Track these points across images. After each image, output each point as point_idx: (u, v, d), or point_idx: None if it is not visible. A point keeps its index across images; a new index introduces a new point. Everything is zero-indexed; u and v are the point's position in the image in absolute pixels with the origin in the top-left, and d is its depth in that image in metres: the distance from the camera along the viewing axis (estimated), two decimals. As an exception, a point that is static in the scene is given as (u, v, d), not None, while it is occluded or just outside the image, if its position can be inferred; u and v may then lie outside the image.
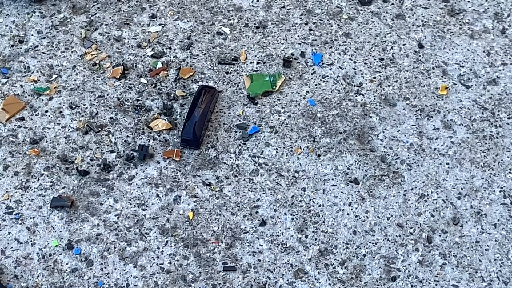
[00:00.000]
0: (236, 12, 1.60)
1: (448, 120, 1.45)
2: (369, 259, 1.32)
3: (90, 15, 1.60)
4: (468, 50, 1.54)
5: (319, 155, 1.42)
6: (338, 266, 1.31)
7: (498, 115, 1.46)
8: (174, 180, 1.39)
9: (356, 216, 1.35)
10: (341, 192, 1.38)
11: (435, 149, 1.42)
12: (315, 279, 1.28)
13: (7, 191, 1.38)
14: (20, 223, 1.35)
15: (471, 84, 1.50)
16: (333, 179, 1.39)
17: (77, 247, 1.32)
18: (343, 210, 1.36)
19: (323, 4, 1.61)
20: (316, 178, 1.39)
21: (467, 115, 1.46)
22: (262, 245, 1.32)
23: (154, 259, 1.30)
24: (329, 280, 1.29)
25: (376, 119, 1.45)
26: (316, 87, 1.50)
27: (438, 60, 1.53)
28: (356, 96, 1.48)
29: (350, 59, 1.53)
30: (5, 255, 1.31)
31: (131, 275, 1.29)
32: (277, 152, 1.42)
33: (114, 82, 1.51)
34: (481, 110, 1.46)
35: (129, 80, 1.51)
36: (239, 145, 1.43)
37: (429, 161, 1.40)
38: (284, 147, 1.43)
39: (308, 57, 1.54)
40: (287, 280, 1.28)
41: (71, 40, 1.57)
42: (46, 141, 1.44)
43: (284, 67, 1.52)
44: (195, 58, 1.54)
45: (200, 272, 1.29)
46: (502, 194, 1.37)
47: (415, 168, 1.40)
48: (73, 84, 1.51)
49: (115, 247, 1.32)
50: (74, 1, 1.62)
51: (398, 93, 1.49)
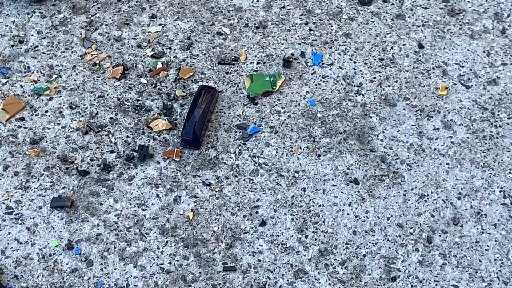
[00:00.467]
0: (236, 12, 1.60)
1: (448, 120, 1.45)
2: (369, 259, 1.32)
3: (90, 15, 1.60)
4: (468, 50, 1.54)
5: (319, 155, 1.42)
6: (338, 266, 1.31)
7: (498, 115, 1.46)
8: (174, 180, 1.39)
9: (356, 216, 1.35)
10: (341, 192, 1.38)
11: (435, 149, 1.42)
12: (315, 279, 1.28)
13: (7, 191, 1.38)
14: (20, 223, 1.35)
15: (471, 84, 1.50)
16: (333, 179, 1.39)
17: (77, 247, 1.32)
18: (343, 210, 1.36)
19: (323, 4, 1.61)
20: (316, 178, 1.39)
21: (467, 115, 1.46)
22: (262, 245, 1.32)
23: (154, 259, 1.30)
24: (329, 280, 1.29)
25: (376, 119, 1.45)
26: (316, 87, 1.50)
27: (438, 60, 1.53)
28: (356, 96, 1.48)
29: (350, 59, 1.53)
30: (5, 255, 1.31)
31: (131, 275, 1.29)
32: (277, 152, 1.42)
33: (114, 82, 1.51)
34: (481, 110, 1.46)
35: (129, 80, 1.51)
36: (239, 145, 1.43)
37: (429, 161, 1.40)
38: (284, 147, 1.43)
39: (308, 57, 1.54)
40: (287, 280, 1.28)
41: (71, 40, 1.57)
42: (46, 141, 1.43)
43: (284, 67, 1.52)
44: (195, 58, 1.54)
45: (200, 272, 1.29)
46: (502, 194, 1.37)
47: (415, 168, 1.39)
48: (73, 84, 1.51)
49: (115, 247, 1.32)
50: (74, 1, 1.62)
51: (398, 93, 1.49)
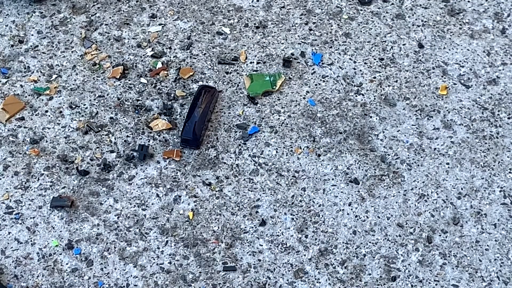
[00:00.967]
0: (236, 12, 1.60)
1: (448, 120, 1.45)
2: (369, 259, 1.32)
3: (90, 15, 1.60)
4: (468, 50, 1.54)
5: (319, 155, 1.42)
6: (338, 266, 1.31)
7: (498, 115, 1.46)
8: (174, 180, 1.39)
9: (356, 216, 1.35)
10: (341, 192, 1.38)
11: (435, 149, 1.42)
12: (315, 279, 1.28)
13: (7, 191, 1.38)
14: (20, 223, 1.35)
15: (471, 84, 1.50)
16: (333, 179, 1.39)
17: (77, 247, 1.32)
18: (343, 210, 1.36)
19: (323, 4, 1.61)
20: (316, 178, 1.39)
21: (467, 115, 1.46)
22: (262, 245, 1.32)
23: (154, 259, 1.30)
24: (329, 280, 1.29)
25: (376, 119, 1.45)
26: (316, 87, 1.50)
27: (438, 60, 1.53)
28: (356, 96, 1.48)
29: (350, 59, 1.53)
30: (5, 255, 1.31)
31: (131, 275, 1.29)
32: (277, 152, 1.42)
33: (114, 82, 1.51)
34: (481, 110, 1.46)
35: (129, 80, 1.51)
36: (239, 145, 1.43)
37: (429, 161, 1.40)
38: (284, 147, 1.43)
39: (308, 57, 1.54)
40: (287, 280, 1.28)
41: (71, 40, 1.57)
42: (46, 141, 1.43)
43: (284, 67, 1.52)
44: (195, 58, 1.54)
45: (200, 272, 1.29)
46: (502, 194, 1.37)
47: (415, 168, 1.39)
48: (73, 84, 1.51)
49: (115, 247, 1.32)
50: (74, 1, 1.62)
51: (398, 93, 1.49)
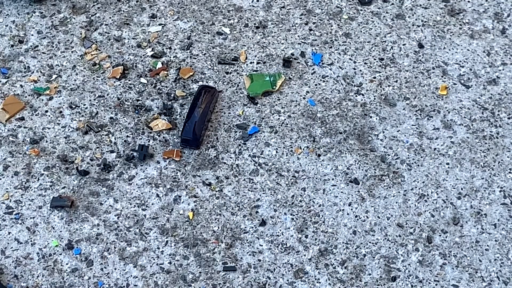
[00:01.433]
0: (236, 12, 1.60)
1: (448, 120, 1.45)
2: (369, 259, 1.32)
3: (90, 15, 1.60)
4: (468, 50, 1.54)
5: (319, 155, 1.42)
6: (338, 266, 1.31)
7: (498, 115, 1.46)
8: (174, 180, 1.39)
9: (356, 216, 1.35)
10: (341, 192, 1.38)
11: (435, 149, 1.42)
12: (315, 279, 1.28)
13: (7, 191, 1.38)
14: (20, 223, 1.35)
15: (471, 84, 1.50)
16: (333, 179, 1.39)
17: (77, 247, 1.32)
18: (343, 210, 1.36)
19: (323, 4, 1.61)
20: (316, 178, 1.39)
21: (467, 115, 1.46)
22: (262, 245, 1.32)
23: (154, 259, 1.30)
24: (329, 280, 1.29)
25: (376, 119, 1.45)
26: (316, 87, 1.50)
27: (438, 60, 1.53)
28: (356, 96, 1.48)
29: (350, 59, 1.53)
30: (5, 255, 1.31)
31: (131, 275, 1.29)
32: (277, 152, 1.42)
33: (114, 82, 1.51)
34: (481, 110, 1.46)
35: (129, 80, 1.51)
36: (239, 145, 1.43)
37: (429, 161, 1.40)
38: (284, 147, 1.43)
39: (308, 57, 1.54)
40: (287, 280, 1.28)
41: (71, 40, 1.57)
42: (46, 141, 1.43)
43: (284, 67, 1.52)
44: (195, 58, 1.54)
45: (200, 272, 1.29)
46: (502, 194, 1.37)
47: (415, 168, 1.39)
48: (73, 84, 1.51)
49: (115, 247, 1.32)
50: (74, 1, 1.62)
51: (398, 93, 1.49)
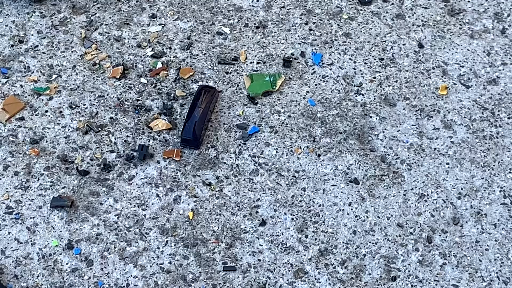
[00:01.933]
0: (236, 12, 1.60)
1: (448, 120, 1.45)
2: (369, 259, 1.32)
3: (90, 15, 1.60)
4: (468, 50, 1.54)
5: (319, 155, 1.42)
6: (338, 266, 1.31)
7: (498, 115, 1.46)
8: (174, 180, 1.39)
9: (356, 216, 1.35)
10: (341, 192, 1.38)
11: (435, 149, 1.42)
12: (315, 279, 1.28)
13: (7, 191, 1.38)
14: (20, 223, 1.35)
15: (471, 84, 1.50)
16: (333, 179, 1.39)
17: (77, 247, 1.32)
18: (343, 210, 1.36)
19: (323, 4, 1.61)
20: (316, 178, 1.39)
21: (467, 115, 1.46)
22: (262, 245, 1.32)
23: (154, 259, 1.30)
24: (329, 280, 1.29)
25: (376, 119, 1.45)
26: (316, 87, 1.50)
27: (438, 60, 1.53)
28: (356, 96, 1.48)
29: (350, 59, 1.53)
30: (5, 255, 1.31)
31: (131, 275, 1.29)
32: (277, 152, 1.42)
33: (114, 82, 1.51)
34: (481, 110, 1.46)
35: (129, 80, 1.51)
36: (239, 145, 1.43)
37: (429, 161, 1.40)
38: (284, 147, 1.43)
39: (308, 57, 1.54)
40: (287, 280, 1.28)
41: (71, 40, 1.57)
42: (46, 141, 1.43)
43: (284, 67, 1.52)
44: (195, 58, 1.54)
45: (200, 272, 1.29)
46: (502, 194, 1.37)
47: (415, 168, 1.39)
48: (73, 84, 1.51)
49: (115, 247, 1.32)
50: (74, 1, 1.62)
51: (398, 93, 1.49)
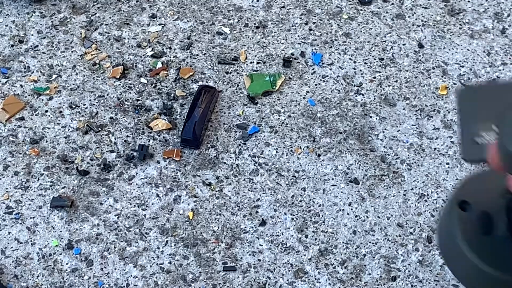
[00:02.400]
0: (236, 12, 1.60)
1: (448, 120, 1.45)
2: (369, 259, 1.32)
3: (90, 15, 1.60)
4: (468, 50, 1.54)
5: (319, 155, 1.42)
6: (338, 266, 1.31)
7: (498, 115, 1.46)
8: (174, 180, 1.39)
9: (356, 216, 1.35)
10: (341, 192, 1.38)
11: (435, 149, 1.42)
12: (315, 279, 1.28)
13: (7, 191, 1.38)
14: (20, 223, 1.35)
15: (471, 84, 1.50)
16: (333, 179, 1.39)
17: (77, 247, 1.32)
18: (343, 210, 1.36)
19: (323, 4, 1.61)
20: (316, 178, 1.39)
21: (467, 115, 1.46)
22: (262, 245, 1.32)
23: (154, 259, 1.30)
24: (329, 280, 1.29)
25: (376, 119, 1.45)
26: (316, 87, 1.50)
27: (438, 60, 1.53)
28: (356, 96, 1.48)
29: (350, 59, 1.53)
30: (5, 255, 1.31)
31: (131, 275, 1.29)
32: (277, 152, 1.42)
33: (114, 82, 1.51)
34: (481, 110, 1.46)
35: (129, 80, 1.51)
36: (239, 145, 1.43)
37: (429, 161, 1.40)
38: (284, 147, 1.43)
39: (308, 57, 1.53)
40: (287, 280, 1.28)
41: (71, 40, 1.57)
42: (46, 141, 1.43)
43: (284, 67, 1.52)
44: (195, 58, 1.54)
45: (200, 272, 1.29)
46: (502, 194, 1.37)
47: (415, 168, 1.39)
48: (73, 84, 1.51)
49: (115, 247, 1.32)
50: (74, 1, 1.62)
51: (398, 93, 1.49)
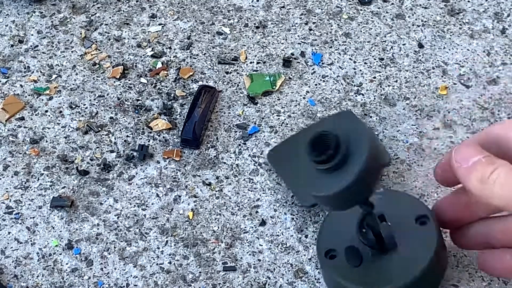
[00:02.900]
0: (236, 12, 1.60)
1: (448, 120, 1.45)
2: (369, 259, 1.32)
3: (90, 15, 1.60)
4: (468, 50, 1.54)
5: (319, 155, 1.41)
6: (338, 266, 1.31)
7: (498, 115, 1.46)
8: (174, 180, 1.39)
9: (356, 216, 1.35)
10: (341, 192, 1.38)
11: (435, 149, 1.42)
12: (315, 279, 1.28)
13: (7, 191, 1.38)
14: (20, 223, 1.35)
15: (471, 84, 1.50)
16: (333, 179, 1.39)
17: (77, 247, 1.32)
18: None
19: (323, 4, 1.61)
20: (316, 178, 1.39)
21: (467, 115, 1.46)
22: (262, 245, 1.32)
23: (154, 259, 1.31)
24: (329, 280, 1.29)
25: (376, 119, 1.45)
26: (316, 87, 1.50)
27: (438, 60, 1.53)
28: (356, 96, 1.48)
29: (350, 59, 1.53)
30: (5, 255, 1.32)
31: (131, 275, 1.29)
32: (277, 152, 1.42)
33: (114, 82, 1.51)
34: (481, 110, 1.46)
35: (129, 80, 1.51)
36: (239, 145, 1.43)
37: (429, 161, 1.40)
38: (284, 147, 1.42)
39: (308, 57, 1.54)
40: (287, 280, 1.28)
41: (71, 40, 1.57)
42: (46, 141, 1.44)
43: (284, 67, 1.52)
44: (195, 58, 1.54)
45: (200, 272, 1.29)
46: (502, 194, 1.37)
47: (415, 168, 1.39)
48: (73, 84, 1.51)
49: (115, 247, 1.32)
50: (74, 1, 1.62)
51: (398, 93, 1.49)
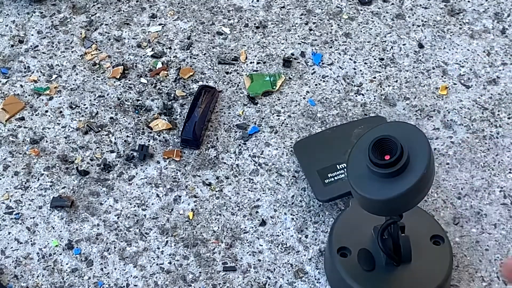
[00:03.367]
0: (236, 12, 1.60)
1: (448, 120, 1.45)
2: (369, 259, 1.31)
3: (90, 15, 1.60)
4: (468, 50, 1.54)
5: (319, 155, 1.42)
6: (338, 266, 1.31)
7: (498, 115, 1.46)
8: (174, 180, 1.39)
9: (356, 216, 1.35)
10: (341, 192, 1.38)
11: (435, 149, 1.42)
12: (315, 279, 1.28)
13: (7, 191, 1.38)
14: (20, 223, 1.35)
15: (471, 84, 1.50)
16: (333, 179, 1.39)
17: (77, 247, 1.32)
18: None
19: (323, 4, 1.61)
20: (316, 178, 1.39)
21: (467, 115, 1.46)
22: (262, 245, 1.32)
23: (154, 259, 1.30)
24: (329, 280, 1.29)
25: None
26: (316, 87, 1.50)
27: (438, 60, 1.53)
28: (356, 96, 1.48)
29: (350, 59, 1.53)
30: (5, 255, 1.31)
31: (131, 275, 1.29)
32: (277, 152, 1.42)
33: (114, 82, 1.51)
34: (481, 110, 1.46)
35: (129, 80, 1.51)
36: (239, 145, 1.43)
37: (429, 161, 1.40)
38: (284, 147, 1.43)
39: (308, 57, 1.54)
40: (287, 280, 1.28)
41: (71, 40, 1.57)
42: (46, 141, 1.44)
43: (284, 67, 1.52)
44: (195, 58, 1.54)
45: (200, 272, 1.29)
46: (502, 194, 1.37)
47: (415, 168, 1.39)
48: (73, 84, 1.51)
49: (115, 247, 1.32)
50: (74, 1, 1.62)
51: (398, 93, 1.49)
